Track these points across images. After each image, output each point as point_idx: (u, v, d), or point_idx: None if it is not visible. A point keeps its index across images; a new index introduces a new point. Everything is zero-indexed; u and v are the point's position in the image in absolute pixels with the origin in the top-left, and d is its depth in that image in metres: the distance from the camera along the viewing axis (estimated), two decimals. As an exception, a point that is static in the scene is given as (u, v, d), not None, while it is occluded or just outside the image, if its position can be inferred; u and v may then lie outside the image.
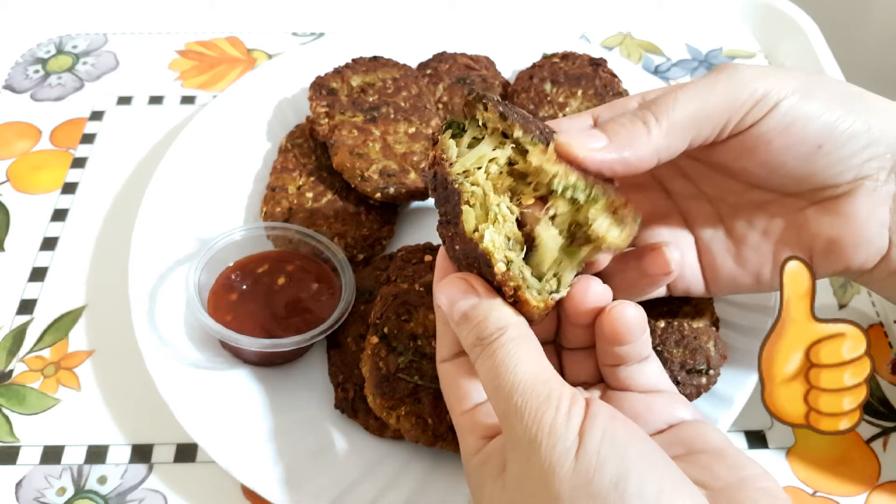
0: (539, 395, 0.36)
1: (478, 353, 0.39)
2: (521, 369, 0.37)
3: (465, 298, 0.40)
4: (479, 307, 0.39)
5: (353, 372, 0.55)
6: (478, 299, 0.40)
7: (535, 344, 0.39)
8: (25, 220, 0.69)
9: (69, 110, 0.78)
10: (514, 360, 0.37)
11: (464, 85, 0.72)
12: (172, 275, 0.60)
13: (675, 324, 0.53)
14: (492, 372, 0.38)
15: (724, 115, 0.42)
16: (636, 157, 0.41)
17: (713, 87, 0.43)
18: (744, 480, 0.37)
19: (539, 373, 0.37)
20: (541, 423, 0.35)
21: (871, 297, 0.65)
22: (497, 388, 0.37)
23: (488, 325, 0.39)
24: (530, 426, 0.35)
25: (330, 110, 0.66)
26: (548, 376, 0.37)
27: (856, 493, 0.54)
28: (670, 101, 0.42)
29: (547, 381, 0.37)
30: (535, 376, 0.37)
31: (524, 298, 0.38)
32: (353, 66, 0.71)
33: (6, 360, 0.60)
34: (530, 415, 0.35)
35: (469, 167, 0.39)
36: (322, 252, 0.59)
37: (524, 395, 0.36)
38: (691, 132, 0.42)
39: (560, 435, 0.34)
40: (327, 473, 0.51)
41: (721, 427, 0.53)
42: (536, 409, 0.35)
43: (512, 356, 0.37)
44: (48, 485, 0.53)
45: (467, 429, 0.42)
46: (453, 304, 0.40)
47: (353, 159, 0.62)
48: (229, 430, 0.53)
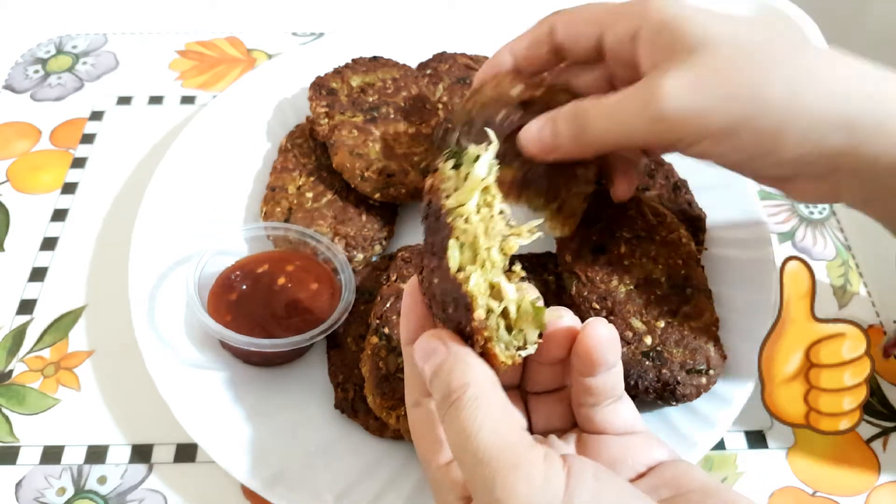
0: (506, 464, 0.32)
1: (443, 413, 0.36)
2: (486, 434, 0.33)
3: (435, 355, 0.37)
4: (446, 363, 0.36)
5: (353, 372, 0.55)
6: (446, 354, 0.37)
7: (499, 400, 0.36)
8: (25, 220, 0.69)
9: (69, 110, 0.78)
10: (476, 423, 0.34)
11: (464, 85, 0.72)
12: (172, 275, 0.60)
13: (675, 324, 0.53)
14: (457, 435, 0.34)
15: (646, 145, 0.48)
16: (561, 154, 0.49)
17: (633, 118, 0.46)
18: None
19: (507, 436, 0.34)
20: (515, 496, 0.32)
21: (871, 297, 0.65)
22: (462, 454, 0.34)
23: (452, 382, 0.36)
24: (503, 500, 0.32)
25: (330, 110, 0.66)
26: (514, 440, 0.33)
27: (856, 493, 0.54)
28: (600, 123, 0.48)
29: (513, 446, 0.33)
30: (502, 441, 0.33)
31: (493, 352, 0.36)
32: (353, 67, 0.71)
33: (6, 360, 0.60)
34: (500, 487, 0.32)
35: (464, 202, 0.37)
36: (322, 252, 0.59)
37: (490, 465, 0.32)
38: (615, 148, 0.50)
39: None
40: (327, 473, 0.51)
41: (721, 427, 0.53)
42: (504, 480, 0.32)
43: (473, 419, 0.34)
44: (48, 485, 0.53)
45: (445, 486, 0.38)
46: (425, 360, 0.37)
47: (353, 159, 0.62)
48: (229, 430, 0.53)
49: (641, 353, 0.52)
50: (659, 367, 0.51)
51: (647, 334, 0.52)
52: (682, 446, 0.51)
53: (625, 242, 0.56)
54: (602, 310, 0.53)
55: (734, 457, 0.56)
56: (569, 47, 0.52)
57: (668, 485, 0.37)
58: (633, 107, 0.46)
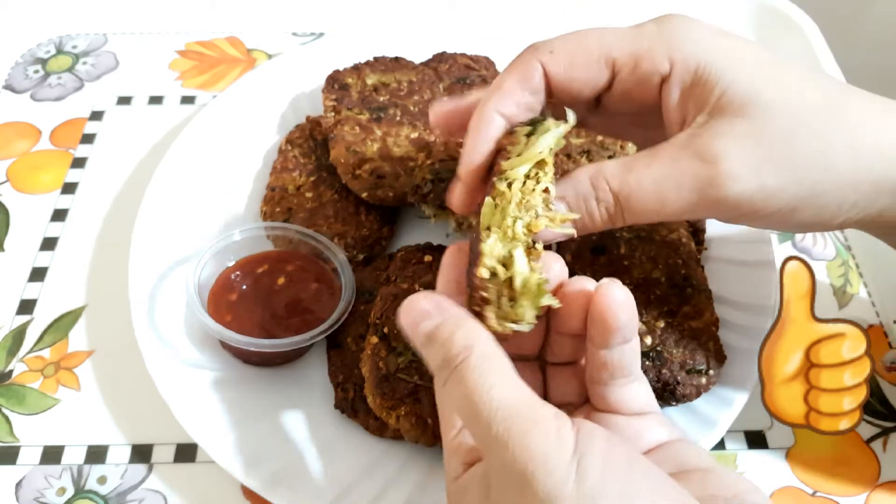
0: (522, 420, 0.33)
1: (445, 377, 0.35)
2: (497, 393, 0.33)
3: (429, 318, 0.37)
4: (444, 325, 0.36)
5: (353, 372, 0.55)
6: (440, 318, 0.36)
7: (506, 362, 0.36)
8: (25, 220, 0.69)
9: (69, 110, 0.78)
10: (487, 383, 0.34)
11: (464, 85, 0.72)
12: (172, 275, 0.60)
13: (675, 324, 0.53)
14: (465, 398, 0.34)
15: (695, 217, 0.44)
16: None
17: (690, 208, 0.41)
18: (737, 496, 0.36)
19: (517, 395, 0.34)
20: (531, 451, 0.32)
21: (871, 297, 0.65)
22: (473, 415, 0.34)
23: (454, 345, 0.35)
24: (519, 455, 0.32)
25: (338, 105, 0.66)
26: (527, 398, 0.34)
27: (856, 493, 0.54)
28: (643, 213, 0.41)
29: (527, 403, 0.33)
30: (514, 400, 0.33)
31: (485, 314, 0.36)
32: (373, 64, 0.71)
33: (6, 360, 0.60)
34: (516, 443, 0.32)
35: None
36: (322, 252, 0.59)
37: (506, 423, 0.33)
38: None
39: (555, 463, 0.31)
40: (327, 473, 0.51)
41: (721, 427, 0.53)
42: (523, 436, 0.32)
43: (484, 379, 0.34)
44: (48, 485, 0.53)
45: (451, 451, 0.39)
46: (416, 324, 0.37)
47: (349, 155, 0.62)
48: (229, 430, 0.53)
49: (641, 353, 0.51)
50: (659, 367, 0.51)
51: (647, 334, 0.52)
52: (682, 446, 0.51)
53: (625, 242, 0.56)
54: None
55: (734, 457, 0.56)
56: (565, 90, 0.44)
57: (670, 461, 0.37)
58: (688, 184, 0.41)
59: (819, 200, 0.41)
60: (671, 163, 0.41)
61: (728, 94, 0.41)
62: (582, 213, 0.42)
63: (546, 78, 0.44)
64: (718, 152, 0.40)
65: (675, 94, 0.43)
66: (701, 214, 0.43)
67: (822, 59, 0.81)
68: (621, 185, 0.41)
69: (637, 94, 0.44)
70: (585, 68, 0.43)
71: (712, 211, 0.42)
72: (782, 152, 0.40)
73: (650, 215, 0.42)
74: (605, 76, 0.44)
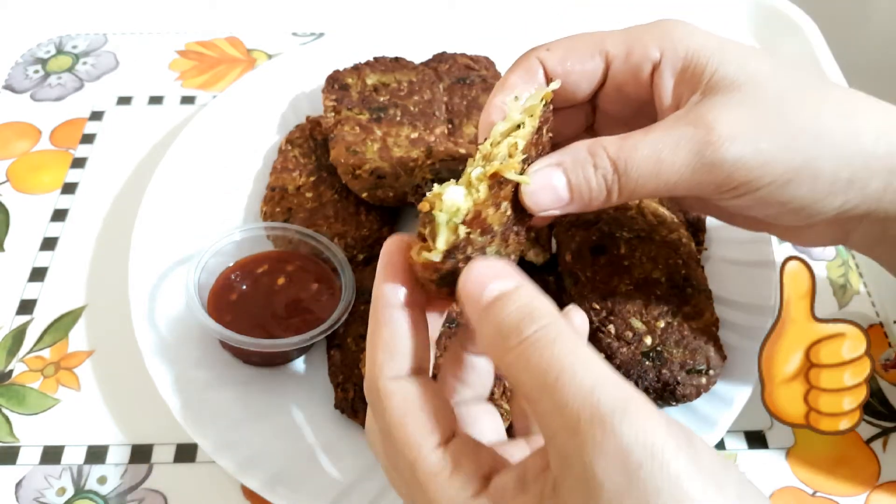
0: (635, 396, 0.29)
1: (520, 340, 0.31)
2: (600, 365, 0.30)
3: (502, 279, 0.33)
4: (522, 289, 0.33)
5: (353, 372, 0.55)
6: (518, 282, 0.33)
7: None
8: (25, 220, 0.69)
9: (69, 110, 0.78)
10: (587, 352, 0.30)
11: (464, 85, 0.72)
12: (172, 275, 0.60)
13: (675, 324, 0.53)
14: (553, 364, 0.30)
15: (690, 194, 0.41)
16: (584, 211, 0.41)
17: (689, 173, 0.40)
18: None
19: (608, 372, 0.30)
20: (654, 430, 0.28)
21: (871, 297, 0.65)
22: (562, 387, 0.29)
23: (539, 307, 0.32)
24: (627, 435, 0.28)
25: (338, 105, 0.66)
26: (615, 376, 0.30)
27: (856, 494, 0.54)
28: (642, 177, 0.40)
29: (617, 382, 0.30)
30: (616, 376, 0.30)
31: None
32: (373, 65, 0.71)
33: (6, 360, 0.60)
34: (639, 419, 0.28)
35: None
36: (322, 252, 0.59)
37: (602, 400, 0.28)
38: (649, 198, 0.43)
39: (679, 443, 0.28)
40: (327, 473, 0.51)
41: (721, 427, 0.53)
42: (643, 413, 0.28)
43: (572, 352, 0.30)
44: (48, 485, 0.53)
45: (446, 468, 0.33)
46: (486, 284, 0.33)
47: (349, 156, 0.62)
48: (229, 430, 0.53)
49: (641, 353, 0.52)
50: (659, 367, 0.51)
51: (647, 334, 0.52)
52: (682, 446, 0.51)
53: (625, 242, 0.56)
54: (602, 310, 0.53)
55: (734, 457, 0.56)
56: (563, 85, 0.45)
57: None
58: (684, 147, 0.40)
59: (813, 171, 0.41)
60: (668, 131, 0.41)
61: (719, 72, 0.42)
62: (579, 183, 0.41)
63: (545, 73, 0.45)
64: (714, 118, 0.40)
65: (667, 79, 0.44)
66: (696, 187, 0.41)
67: (822, 59, 0.81)
68: (618, 151, 0.41)
69: (631, 88, 0.45)
70: (580, 60, 0.45)
71: (709, 180, 0.41)
72: (776, 119, 0.41)
73: (647, 184, 0.41)
74: (600, 67, 0.45)
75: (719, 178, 0.40)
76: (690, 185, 0.41)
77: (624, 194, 0.41)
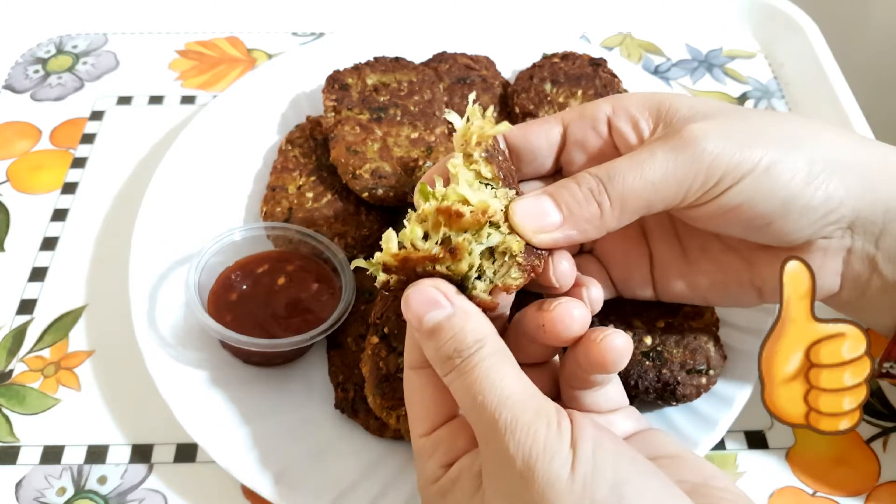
0: (528, 410, 0.35)
1: (452, 367, 0.38)
2: (507, 385, 0.36)
3: (437, 308, 0.38)
4: (454, 318, 0.38)
5: (353, 372, 0.55)
6: (451, 309, 0.38)
7: (512, 357, 0.38)
8: (25, 220, 0.69)
9: (69, 110, 0.78)
10: (498, 375, 0.36)
11: (464, 85, 0.72)
12: (172, 275, 0.60)
13: (675, 324, 0.53)
14: (473, 388, 0.37)
15: (678, 196, 0.42)
16: (584, 235, 0.42)
17: (671, 166, 0.41)
18: (706, 481, 0.38)
19: (524, 388, 0.37)
20: (535, 439, 0.34)
21: (871, 297, 0.65)
22: (480, 405, 0.36)
23: (466, 337, 0.37)
24: (524, 443, 0.34)
25: (338, 105, 0.66)
26: (533, 391, 0.37)
27: (856, 493, 0.54)
28: (627, 181, 0.41)
29: (533, 396, 0.36)
30: (521, 392, 0.36)
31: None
32: (373, 65, 0.71)
33: (6, 360, 0.60)
34: (523, 431, 0.35)
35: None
36: (322, 252, 0.59)
37: (513, 412, 0.35)
38: (643, 211, 0.43)
39: (555, 450, 0.34)
40: (327, 473, 0.51)
41: (721, 427, 0.53)
42: (528, 425, 0.35)
43: (496, 371, 0.37)
44: (48, 485, 0.53)
45: (426, 453, 0.41)
46: (424, 313, 0.38)
47: (349, 156, 0.62)
48: (229, 430, 0.53)
49: (641, 353, 0.52)
50: (659, 367, 0.51)
51: (647, 334, 0.52)
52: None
53: (625, 242, 0.56)
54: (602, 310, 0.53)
55: (734, 457, 0.56)
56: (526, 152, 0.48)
57: (642, 449, 0.39)
58: (662, 150, 0.42)
59: (788, 160, 0.42)
60: (644, 146, 0.43)
61: (673, 108, 0.45)
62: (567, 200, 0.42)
63: (509, 148, 0.48)
64: (686, 128, 0.42)
65: (623, 124, 0.46)
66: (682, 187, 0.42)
67: (822, 59, 0.81)
68: (598, 168, 0.42)
69: (592, 141, 0.47)
70: (538, 126, 0.48)
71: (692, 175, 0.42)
72: (746, 126, 0.43)
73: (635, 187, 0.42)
74: (558, 130, 0.47)
75: (702, 170, 0.41)
76: (676, 184, 0.42)
77: (616, 205, 0.42)
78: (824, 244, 0.46)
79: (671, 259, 0.50)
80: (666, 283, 0.50)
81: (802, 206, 0.43)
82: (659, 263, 0.50)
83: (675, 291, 0.51)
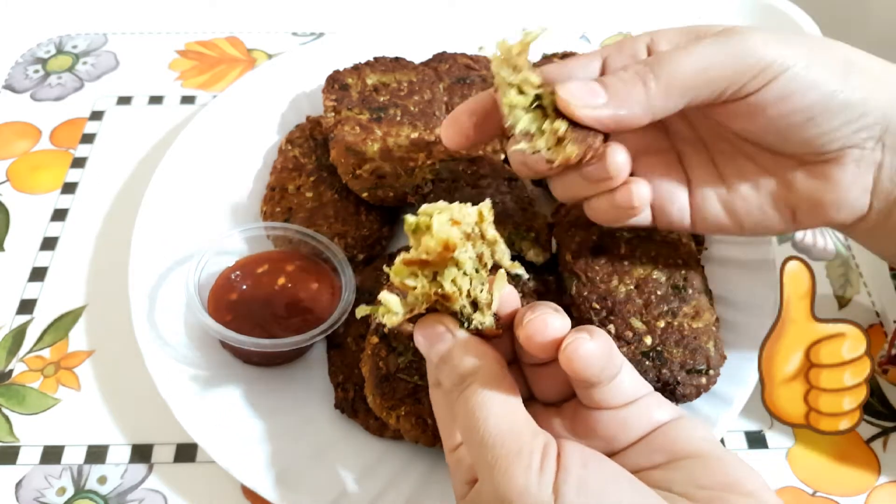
0: (509, 450, 0.35)
1: (455, 399, 0.38)
2: (492, 421, 0.36)
3: (441, 341, 0.39)
4: (454, 349, 0.38)
5: (353, 372, 0.55)
6: (452, 341, 0.39)
7: (508, 387, 0.37)
8: (25, 220, 0.69)
9: (69, 110, 0.78)
10: (484, 409, 0.36)
11: (464, 85, 0.72)
12: (172, 275, 0.60)
13: (675, 324, 0.53)
14: (466, 420, 0.37)
15: (724, 82, 0.43)
16: (630, 115, 0.43)
17: (719, 53, 0.43)
18: (729, 486, 0.36)
19: (510, 424, 0.36)
20: (511, 482, 0.34)
21: (871, 296, 0.65)
22: (469, 439, 0.36)
23: (462, 369, 0.38)
24: (501, 484, 0.34)
25: (338, 105, 0.66)
26: (519, 427, 0.36)
27: (856, 493, 0.54)
28: (674, 62, 0.43)
29: (518, 433, 0.35)
30: (505, 429, 0.35)
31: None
32: (373, 65, 0.71)
33: (6, 360, 0.60)
34: (500, 472, 0.34)
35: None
36: (322, 252, 0.59)
37: (494, 451, 0.35)
38: (689, 95, 0.43)
39: (533, 496, 0.33)
40: (327, 473, 0.51)
41: (721, 427, 0.53)
42: (507, 466, 0.34)
43: (483, 405, 0.36)
44: (48, 485, 0.53)
45: (453, 468, 0.41)
46: (431, 346, 0.39)
47: (349, 155, 0.62)
48: (229, 430, 0.53)
49: (641, 353, 0.52)
50: (659, 367, 0.51)
51: (647, 334, 0.52)
52: (682, 446, 0.51)
53: (625, 242, 0.56)
54: (602, 310, 0.53)
55: (734, 457, 0.56)
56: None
57: (662, 450, 0.38)
58: (709, 36, 0.44)
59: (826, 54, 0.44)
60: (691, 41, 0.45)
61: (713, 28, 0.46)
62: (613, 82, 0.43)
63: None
64: (734, 27, 0.44)
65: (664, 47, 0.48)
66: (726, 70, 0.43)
67: (822, 59, 0.81)
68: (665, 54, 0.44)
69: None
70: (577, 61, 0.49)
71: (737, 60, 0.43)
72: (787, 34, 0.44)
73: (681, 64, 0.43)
74: (597, 64, 0.48)
75: (748, 58, 0.42)
76: (722, 68, 0.43)
77: (662, 85, 0.43)
78: (857, 155, 0.45)
79: (709, 182, 0.50)
80: (704, 209, 0.50)
81: (842, 103, 0.43)
82: (697, 188, 0.50)
83: (712, 219, 0.50)
